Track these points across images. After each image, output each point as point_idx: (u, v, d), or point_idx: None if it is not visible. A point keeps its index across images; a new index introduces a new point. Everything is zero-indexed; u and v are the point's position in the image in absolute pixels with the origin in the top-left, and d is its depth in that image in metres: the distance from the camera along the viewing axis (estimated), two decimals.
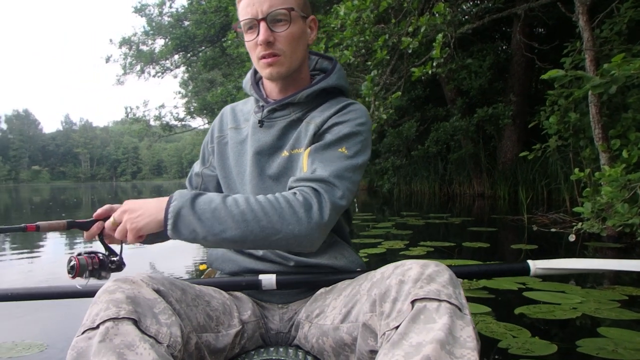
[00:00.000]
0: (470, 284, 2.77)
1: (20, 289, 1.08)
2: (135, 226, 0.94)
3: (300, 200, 0.93)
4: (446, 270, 0.82)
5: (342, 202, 0.98)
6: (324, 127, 1.08)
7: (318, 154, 1.03)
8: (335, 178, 0.98)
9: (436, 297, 0.75)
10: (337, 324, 0.95)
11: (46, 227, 1.05)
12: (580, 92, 3.90)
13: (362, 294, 0.92)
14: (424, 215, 7.12)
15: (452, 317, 0.73)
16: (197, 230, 0.91)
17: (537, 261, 1.08)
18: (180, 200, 0.93)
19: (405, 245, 4.24)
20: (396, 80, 5.89)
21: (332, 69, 1.17)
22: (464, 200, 10.20)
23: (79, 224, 1.08)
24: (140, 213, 0.95)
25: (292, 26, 1.05)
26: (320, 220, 0.93)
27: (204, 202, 0.93)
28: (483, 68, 8.88)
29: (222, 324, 0.98)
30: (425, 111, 11.10)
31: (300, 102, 1.12)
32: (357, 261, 1.16)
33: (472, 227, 5.62)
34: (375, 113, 4.88)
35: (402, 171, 12.62)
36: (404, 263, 0.85)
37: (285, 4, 1.04)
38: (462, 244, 4.30)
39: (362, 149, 1.06)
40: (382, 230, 5.50)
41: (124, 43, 17.29)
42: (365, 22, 4.66)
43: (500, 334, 1.97)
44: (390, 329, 0.75)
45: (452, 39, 4.92)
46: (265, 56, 1.06)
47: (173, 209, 0.92)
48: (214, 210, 0.92)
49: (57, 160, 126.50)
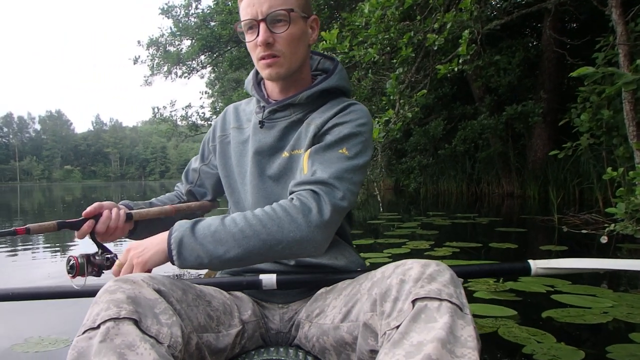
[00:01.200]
0: (497, 285, 2.70)
1: (21, 288, 1.08)
2: (142, 260, 0.94)
3: (298, 205, 0.93)
4: (447, 269, 0.82)
5: (343, 203, 0.97)
6: (325, 128, 1.08)
7: (318, 156, 1.03)
8: (335, 179, 0.98)
9: (437, 296, 0.75)
10: (338, 323, 0.95)
11: (36, 229, 1.05)
12: (612, 89, 3.76)
13: (363, 293, 0.92)
14: (450, 215, 7.02)
15: (453, 317, 0.73)
16: (202, 255, 0.91)
17: (538, 261, 1.08)
18: (180, 231, 0.93)
19: (430, 246, 4.17)
20: (422, 78, 5.81)
21: (334, 69, 1.17)
22: (492, 200, 10.01)
23: (69, 224, 1.09)
24: (144, 247, 0.95)
25: (292, 27, 1.05)
26: (321, 222, 0.93)
27: (203, 228, 0.93)
28: (512, 65, 8.67)
29: (223, 324, 0.98)
30: (453, 109, 10.95)
31: (301, 102, 1.12)
32: (358, 261, 1.17)
33: (500, 227, 5.50)
34: (400, 111, 4.82)
35: (429, 170, 12.49)
36: (405, 262, 0.85)
37: (285, 5, 1.04)
38: (489, 245, 4.20)
39: (363, 149, 1.06)
40: (408, 230, 5.43)
41: (152, 44, 17.53)
42: (390, 20, 4.60)
43: (524, 338, 1.90)
44: (391, 329, 0.76)
45: (479, 35, 4.81)
46: (265, 57, 1.06)
47: (174, 239, 0.92)
48: (214, 233, 0.92)
49: (88, 159, 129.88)
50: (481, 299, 2.48)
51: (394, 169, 13.46)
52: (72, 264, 1.00)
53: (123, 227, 1.17)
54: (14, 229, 1.02)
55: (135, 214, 1.19)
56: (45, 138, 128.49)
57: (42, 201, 16.46)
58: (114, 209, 1.16)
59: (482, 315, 2.20)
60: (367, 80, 6.22)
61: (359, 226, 6.13)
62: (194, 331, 0.88)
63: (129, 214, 1.18)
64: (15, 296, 1.07)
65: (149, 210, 1.22)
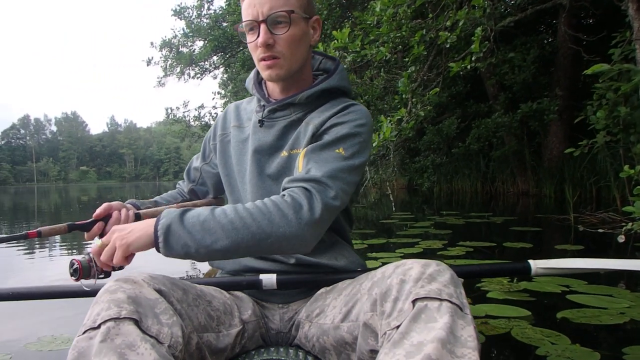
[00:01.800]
0: (511, 285, 2.66)
1: (21, 288, 1.09)
2: (125, 242, 0.92)
3: (289, 201, 0.93)
4: (447, 269, 0.82)
5: (335, 203, 0.97)
6: (323, 128, 1.08)
7: (314, 154, 1.03)
8: (329, 178, 0.97)
9: (437, 296, 0.75)
10: (338, 323, 0.96)
11: (47, 231, 1.06)
12: (628, 86, 3.70)
13: (363, 293, 0.93)
14: (464, 214, 6.95)
15: (453, 317, 0.73)
16: (189, 243, 0.90)
17: (538, 261, 1.09)
18: (169, 218, 0.92)
19: (443, 245, 4.13)
20: (434, 77, 5.77)
21: (335, 69, 1.18)
22: (507, 198, 9.90)
23: (79, 226, 1.09)
24: (129, 230, 0.93)
25: (293, 28, 1.05)
26: (311, 219, 0.92)
27: (192, 217, 0.92)
28: (527, 62, 8.56)
29: (223, 324, 0.99)
30: (466, 107, 10.85)
31: (301, 102, 1.13)
32: (358, 261, 1.17)
33: (515, 226, 5.43)
34: (412, 110, 4.79)
35: (443, 169, 12.41)
36: (405, 262, 0.85)
37: (286, 6, 1.04)
38: (504, 244, 4.15)
39: (360, 150, 1.06)
40: (421, 229, 5.39)
41: (164, 45, 17.66)
42: (402, 18, 4.58)
43: (537, 340, 1.86)
44: (391, 329, 0.76)
45: (492, 33, 4.76)
46: (265, 58, 1.07)
47: (162, 226, 0.91)
48: (203, 222, 0.91)
49: (103, 160, 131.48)
50: (494, 299, 2.44)
51: (407, 168, 13.41)
52: (75, 267, 1.00)
53: None
54: (26, 233, 1.02)
55: (143, 214, 1.20)
56: (61, 139, 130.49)
57: (58, 202, 16.68)
58: (123, 210, 1.17)
59: (495, 316, 2.17)
60: (379, 79, 6.19)
61: (372, 225, 6.10)
62: (195, 331, 0.89)
63: (137, 214, 1.19)
64: (15, 296, 1.08)
65: (156, 210, 1.23)
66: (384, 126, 4.16)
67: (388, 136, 4.16)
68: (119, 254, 0.92)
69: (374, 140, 4.09)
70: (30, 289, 1.09)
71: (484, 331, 1.98)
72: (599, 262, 1.06)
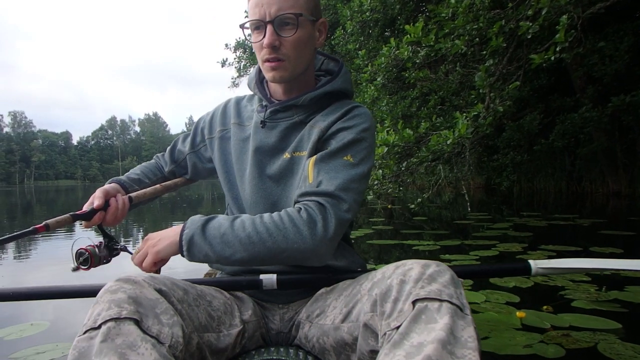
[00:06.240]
0: (599, 294, 2.44)
1: (21, 288, 1.10)
2: (156, 249, 1.00)
3: (305, 217, 0.95)
4: (447, 270, 0.82)
5: (347, 216, 0.99)
6: (329, 133, 1.08)
7: (324, 164, 1.03)
8: (342, 191, 0.99)
9: (437, 297, 0.75)
10: (338, 323, 0.96)
11: (54, 224, 1.10)
12: None
13: (363, 293, 0.93)
14: (547, 215, 6.55)
15: (454, 317, 0.73)
16: (210, 254, 0.96)
17: (539, 261, 1.08)
18: (192, 228, 0.97)
19: (523, 249, 3.89)
20: (514, 70, 5.45)
21: (338, 71, 1.17)
22: (595, 199, 9.23)
23: (81, 215, 1.14)
24: (159, 238, 1.01)
25: (300, 31, 1.04)
26: (325, 236, 0.94)
27: (213, 228, 0.97)
28: (620, 51, 7.90)
29: (224, 324, 0.99)
30: (550, 102, 10.27)
31: (304, 104, 1.12)
32: (358, 261, 1.17)
33: (604, 230, 5.03)
34: (490, 105, 4.56)
35: (523, 168, 11.85)
36: (405, 263, 0.85)
37: (294, 8, 1.03)
38: (590, 249, 3.83)
39: (366, 155, 1.07)
40: (498, 231, 5.12)
41: (239, 47, 18.14)
42: (479, 8, 4.37)
43: (628, 357, 1.68)
44: (391, 329, 0.76)
45: (580, 20, 4.41)
46: (270, 60, 1.06)
47: (186, 236, 0.97)
48: (223, 235, 0.95)
49: None
50: (580, 308, 2.25)
51: (485, 166, 12.93)
52: (86, 256, 1.04)
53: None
54: (34, 228, 1.05)
55: (135, 197, 1.27)
56: (144, 139, 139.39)
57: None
58: (119, 197, 1.22)
59: (579, 328, 1.99)
60: (454, 74, 5.97)
61: (446, 226, 5.91)
62: (195, 331, 0.89)
63: (130, 197, 1.26)
64: (15, 296, 1.09)
65: (145, 192, 1.32)
66: (459, 122, 3.99)
67: (464, 133, 3.97)
68: (149, 259, 1.00)
69: (449, 137, 3.93)
70: (31, 289, 1.10)
71: (565, 344, 1.81)
72: (600, 262, 1.05)
